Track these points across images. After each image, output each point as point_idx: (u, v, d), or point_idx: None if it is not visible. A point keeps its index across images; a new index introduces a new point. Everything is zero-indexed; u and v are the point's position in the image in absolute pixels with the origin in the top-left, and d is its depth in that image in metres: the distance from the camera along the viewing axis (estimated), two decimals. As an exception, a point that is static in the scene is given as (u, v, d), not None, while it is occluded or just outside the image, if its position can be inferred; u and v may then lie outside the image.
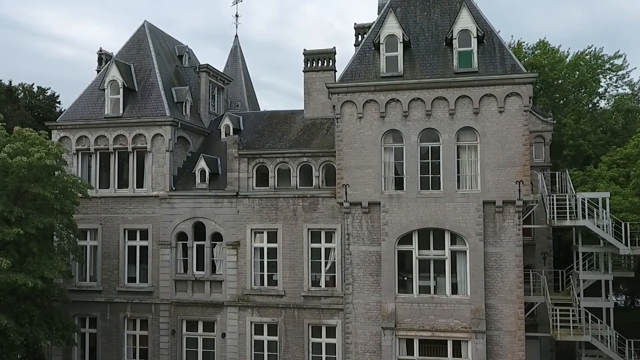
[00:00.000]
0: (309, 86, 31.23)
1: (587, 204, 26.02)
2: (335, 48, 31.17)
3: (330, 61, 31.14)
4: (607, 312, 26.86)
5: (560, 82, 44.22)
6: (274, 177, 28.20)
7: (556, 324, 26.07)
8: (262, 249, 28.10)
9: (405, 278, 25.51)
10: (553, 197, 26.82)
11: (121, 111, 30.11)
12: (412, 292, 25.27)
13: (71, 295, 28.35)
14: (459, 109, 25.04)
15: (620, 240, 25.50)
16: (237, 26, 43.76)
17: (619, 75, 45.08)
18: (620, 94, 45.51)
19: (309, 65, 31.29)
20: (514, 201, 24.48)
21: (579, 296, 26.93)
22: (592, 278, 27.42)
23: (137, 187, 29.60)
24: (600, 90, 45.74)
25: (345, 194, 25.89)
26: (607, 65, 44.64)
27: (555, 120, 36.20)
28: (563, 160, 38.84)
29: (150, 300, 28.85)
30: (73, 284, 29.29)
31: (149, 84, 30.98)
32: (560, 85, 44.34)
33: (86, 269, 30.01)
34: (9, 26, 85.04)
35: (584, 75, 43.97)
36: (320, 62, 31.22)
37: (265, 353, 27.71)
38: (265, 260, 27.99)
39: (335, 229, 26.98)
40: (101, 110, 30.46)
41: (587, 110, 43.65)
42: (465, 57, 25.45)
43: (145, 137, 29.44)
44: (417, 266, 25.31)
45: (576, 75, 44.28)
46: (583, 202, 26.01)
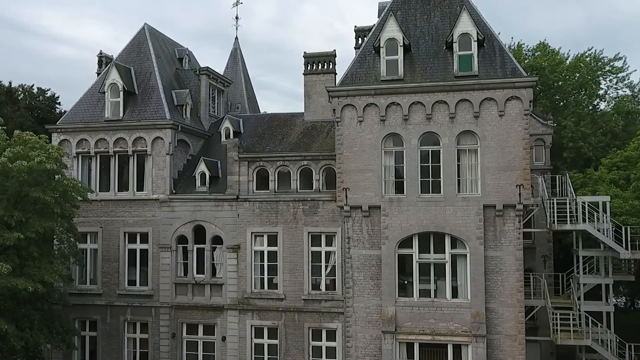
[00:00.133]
0: (309, 89, 31.21)
1: (588, 208, 26.03)
2: (335, 51, 31.18)
3: (331, 64, 31.12)
4: (608, 315, 26.88)
5: (560, 83, 44.21)
6: (274, 180, 28.20)
7: (556, 327, 26.12)
8: (262, 252, 28.08)
9: (406, 282, 25.51)
10: (553, 201, 26.83)
11: (121, 114, 30.12)
12: (412, 296, 25.27)
13: (71, 298, 28.41)
14: (459, 112, 25.04)
15: (621, 244, 25.55)
16: (237, 28, 43.93)
17: (619, 77, 45.09)
18: (620, 96, 45.52)
19: (309, 68, 31.29)
20: (515, 205, 24.46)
21: (579, 300, 26.95)
22: (592, 282, 27.45)
23: (137, 190, 29.59)
24: (601, 92, 45.75)
25: (346, 197, 25.89)
26: (607, 68, 44.63)
27: (555, 123, 36.19)
28: (563, 162, 38.83)
29: (151, 304, 28.84)
30: (73, 287, 29.33)
31: (149, 86, 30.97)
32: (560, 87, 44.32)
33: (86, 272, 29.99)
34: (9, 26, 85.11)
35: (584, 77, 43.93)
36: (320, 64, 31.20)
37: (266, 356, 27.69)
38: (266, 263, 27.98)
39: (336, 233, 26.98)
40: (101, 113, 30.47)
41: (587, 113, 43.61)
42: (466, 60, 25.44)
43: (145, 140, 29.44)
44: (417, 270, 25.30)
45: (576, 77, 44.26)
46: (583, 206, 26.02)
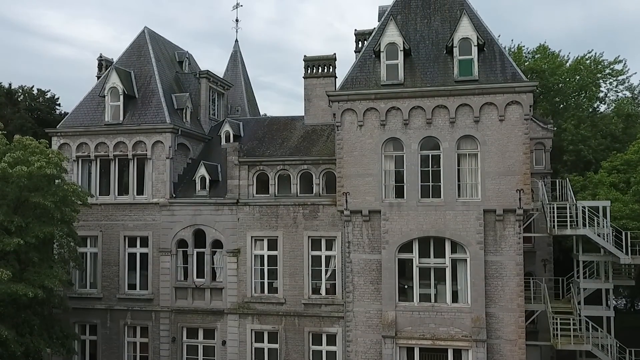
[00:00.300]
0: (310, 92, 31.22)
1: (588, 212, 26.00)
2: (335, 54, 31.21)
3: (331, 67, 31.15)
4: (608, 320, 26.82)
5: (560, 86, 44.17)
6: (274, 184, 28.18)
7: (557, 332, 26.02)
8: (262, 257, 28.07)
9: (406, 286, 25.50)
10: (553, 206, 26.80)
11: (121, 118, 30.10)
12: (412, 301, 25.26)
13: (71, 302, 28.39)
14: (460, 117, 25.03)
15: (621, 249, 25.49)
16: (237, 31, 43.87)
17: (619, 80, 45.08)
18: (620, 99, 45.47)
19: (309, 71, 31.31)
20: (515, 210, 24.46)
21: (579, 304, 26.90)
22: (592, 287, 27.38)
23: (137, 194, 29.57)
24: (601, 94, 45.74)
25: (346, 201, 25.87)
26: (607, 70, 44.59)
27: (555, 127, 36.15)
28: (563, 165, 38.78)
29: (151, 308, 28.84)
30: (73, 291, 29.27)
31: (149, 90, 30.95)
32: (560, 89, 44.28)
33: (86, 276, 29.99)
34: (9, 26, 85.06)
35: (584, 80, 43.89)
36: (320, 68, 31.23)
37: (266, 361, 27.75)
38: (266, 267, 27.97)
39: (336, 237, 26.97)
40: (101, 117, 30.46)
41: (587, 115, 43.56)
42: (466, 65, 25.43)
43: (145, 144, 29.42)
44: (417, 274, 25.30)
45: (576, 80, 44.23)
46: (583, 210, 25.98)
